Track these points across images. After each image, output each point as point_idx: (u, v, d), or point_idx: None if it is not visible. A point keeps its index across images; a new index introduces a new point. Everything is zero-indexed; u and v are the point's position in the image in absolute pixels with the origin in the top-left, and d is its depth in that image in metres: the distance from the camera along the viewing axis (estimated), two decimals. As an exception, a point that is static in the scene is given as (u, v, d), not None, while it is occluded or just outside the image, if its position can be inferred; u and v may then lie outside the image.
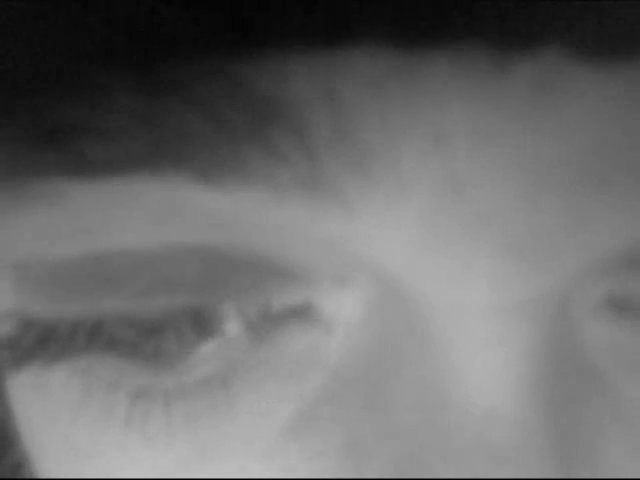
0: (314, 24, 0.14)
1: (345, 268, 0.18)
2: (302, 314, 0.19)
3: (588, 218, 0.16)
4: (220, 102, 0.15)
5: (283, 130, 0.15)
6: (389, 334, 0.18)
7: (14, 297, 0.19)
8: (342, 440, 0.18)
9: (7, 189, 0.17)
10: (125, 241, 0.18)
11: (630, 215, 0.16)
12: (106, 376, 0.19)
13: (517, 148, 0.15)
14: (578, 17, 0.14)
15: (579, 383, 0.18)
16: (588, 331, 0.18)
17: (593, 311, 0.18)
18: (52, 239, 0.18)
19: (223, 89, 0.15)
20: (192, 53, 0.15)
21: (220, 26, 0.15)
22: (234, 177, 0.16)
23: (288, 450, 0.19)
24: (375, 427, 0.18)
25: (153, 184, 0.16)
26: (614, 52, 0.14)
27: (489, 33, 0.14)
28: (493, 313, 0.17)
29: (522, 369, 0.17)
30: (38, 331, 0.19)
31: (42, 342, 0.19)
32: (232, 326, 0.19)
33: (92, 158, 0.16)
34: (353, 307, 0.18)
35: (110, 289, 0.18)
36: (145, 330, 0.19)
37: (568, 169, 0.15)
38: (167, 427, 0.19)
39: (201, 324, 0.19)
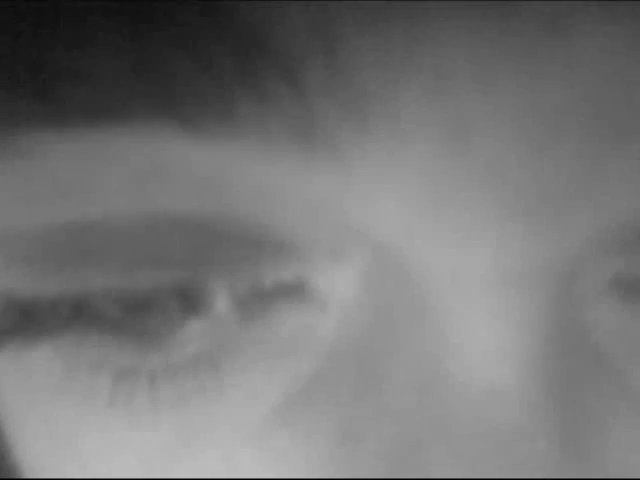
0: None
1: (339, 239, 0.17)
2: (295, 292, 0.18)
3: (601, 177, 0.15)
4: (207, 42, 0.14)
5: (274, 72, 0.14)
6: (385, 309, 0.17)
7: None
8: (335, 424, 0.17)
9: None
10: (106, 206, 0.17)
11: None
12: (89, 356, 0.19)
13: (525, 92, 0.14)
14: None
15: (582, 362, 0.17)
16: (593, 311, 0.17)
17: (601, 290, 0.17)
18: (30, 202, 0.17)
19: (211, 26, 0.14)
20: None
21: None
22: (221, 125, 0.15)
23: (279, 434, 0.18)
24: (370, 409, 0.17)
25: (135, 136, 0.15)
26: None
27: None
28: (495, 283, 0.16)
29: (524, 343, 0.16)
30: (18, 309, 0.18)
31: (23, 320, 0.18)
32: (221, 303, 0.18)
33: (72, 106, 0.15)
34: (348, 283, 0.17)
35: (92, 263, 0.17)
36: (130, 306, 0.18)
37: (579, 114, 0.15)
38: (152, 409, 0.18)
39: (189, 300, 0.18)
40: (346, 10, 0.14)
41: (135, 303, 0.18)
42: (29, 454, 0.21)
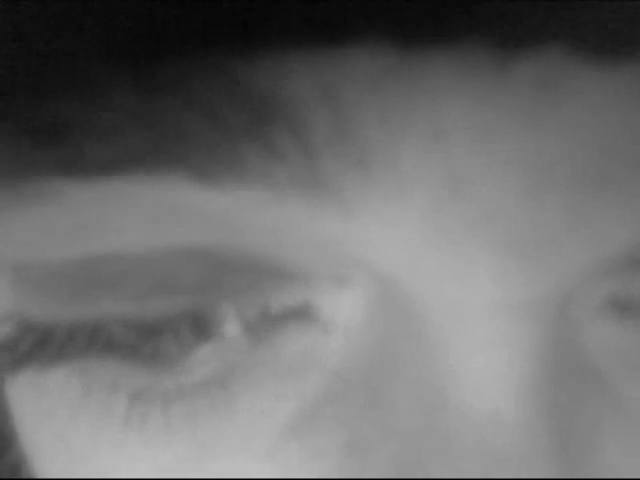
0: (313, 22, 0.14)
1: (343, 268, 0.18)
2: (300, 315, 0.18)
3: (591, 215, 0.16)
4: (218, 100, 0.15)
5: (281, 128, 0.15)
6: (388, 335, 0.18)
7: (12, 298, 0.19)
8: (343, 439, 0.18)
9: (3, 188, 0.17)
10: (122, 242, 0.18)
11: (633, 213, 0.16)
12: (105, 377, 0.19)
13: (518, 145, 0.15)
14: (579, 15, 0.14)
15: (581, 384, 0.18)
16: (590, 332, 0.18)
17: (595, 312, 0.18)
18: (48, 239, 0.18)
19: (221, 87, 0.15)
20: (190, 51, 0.15)
21: (218, 24, 0.14)
22: (231, 176, 0.16)
23: (288, 449, 0.19)
24: (376, 427, 0.18)
25: (150, 183, 0.16)
26: (615, 49, 0.14)
27: (490, 31, 0.14)
28: (494, 313, 0.17)
29: (524, 371, 0.17)
30: (36, 334, 0.19)
31: (40, 345, 0.19)
32: (231, 327, 0.19)
33: (89, 156, 0.16)
34: (352, 307, 0.18)
35: (108, 291, 0.18)
36: (144, 332, 0.19)
37: (570, 166, 0.15)
38: (166, 427, 0.19)
39: (200, 326, 0.19)
40: (349, 73, 0.15)
41: (149, 329, 0.19)
42: (45, 469, 0.21)
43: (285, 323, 0.19)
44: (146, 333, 0.19)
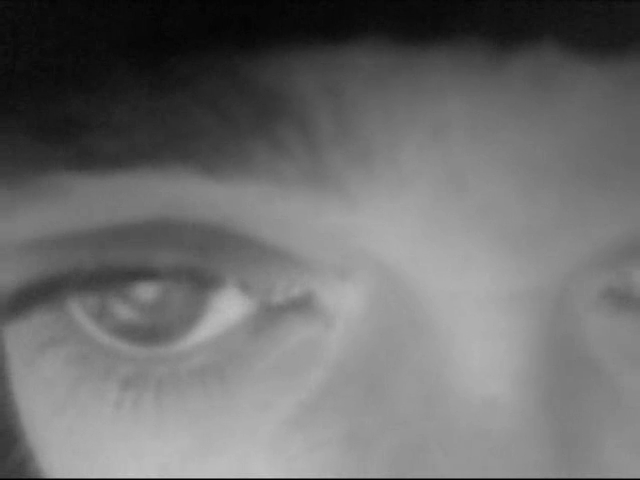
0: (316, 19, 0.14)
1: (346, 260, 0.18)
2: (302, 306, 0.19)
3: (586, 211, 0.16)
4: (225, 97, 0.16)
5: (287, 124, 0.16)
6: (389, 326, 0.18)
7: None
8: (344, 431, 0.18)
9: (12, 184, 0.17)
10: (131, 240, 0.18)
11: (627, 207, 0.16)
12: (98, 364, 0.20)
13: (515, 142, 0.16)
14: (574, 11, 0.14)
15: (578, 374, 0.18)
16: (587, 323, 0.18)
17: (592, 303, 0.18)
18: (56, 235, 0.18)
19: (228, 84, 0.15)
20: (197, 49, 0.15)
21: (223, 22, 0.15)
22: (238, 171, 0.16)
23: (291, 441, 0.19)
24: (376, 418, 0.18)
25: (158, 179, 0.17)
26: (610, 45, 0.15)
27: (487, 28, 0.15)
28: (492, 304, 0.17)
29: (521, 360, 0.17)
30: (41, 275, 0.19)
31: (49, 287, 0.19)
32: (232, 305, 0.19)
33: (99, 152, 0.16)
34: (353, 299, 0.18)
35: (115, 238, 0.18)
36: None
37: (566, 162, 0.16)
38: (158, 416, 0.19)
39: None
40: (351, 70, 0.15)
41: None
42: (44, 455, 0.22)
43: (286, 315, 0.19)
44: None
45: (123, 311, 0.19)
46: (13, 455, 0.25)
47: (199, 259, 0.18)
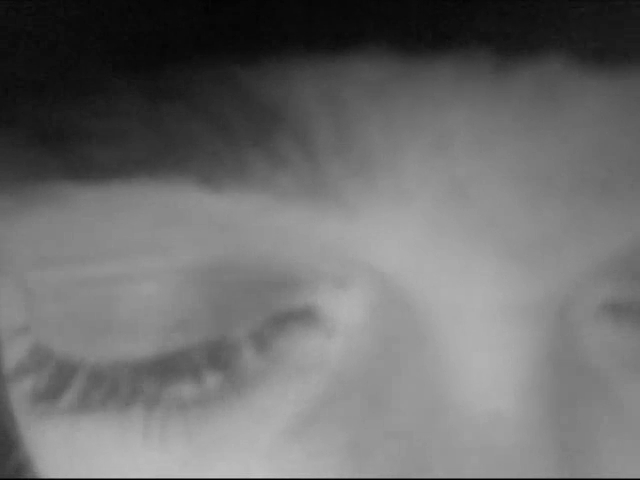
0: (316, 30, 0.14)
1: (346, 270, 0.18)
2: (303, 318, 0.19)
3: (590, 221, 0.16)
4: (223, 107, 0.15)
5: (285, 135, 0.15)
6: (390, 337, 0.18)
7: (25, 316, 0.19)
8: (344, 441, 0.18)
9: (10, 192, 0.17)
10: (127, 258, 0.18)
11: (631, 218, 0.16)
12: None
13: (519, 153, 0.15)
14: (579, 24, 0.14)
15: (581, 386, 0.18)
16: (589, 334, 0.18)
17: (594, 315, 0.18)
18: (53, 243, 0.18)
19: (226, 94, 0.15)
20: (195, 58, 0.15)
21: (223, 32, 0.15)
22: (236, 181, 0.16)
23: (290, 450, 0.19)
24: (376, 428, 0.18)
25: (156, 188, 0.16)
26: (614, 58, 0.15)
27: (492, 39, 0.14)
28: (495, 315, 0.17)
29: (525, 372, 0.17)
30: (54, 370, 0.19)
31: (60, 387, 0.19)
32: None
33: (96, 161, 0.16)
34: (354, 310, 0.18)
35: (125, 333, 0.18)
36: (164, 377, 0.19)
37: (570, 174, 0.16)
38: (163, 431, 0.19)
39: (217, 358, 0.19)
40: (352, 81, 0.15)
41: (169, 373, 0.19)
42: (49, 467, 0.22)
43: (288, 327, 0.19)
44: (167, 378, 0.19)
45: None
46: (11, 460, 0.25)
47: (212, 333, 0.18)
